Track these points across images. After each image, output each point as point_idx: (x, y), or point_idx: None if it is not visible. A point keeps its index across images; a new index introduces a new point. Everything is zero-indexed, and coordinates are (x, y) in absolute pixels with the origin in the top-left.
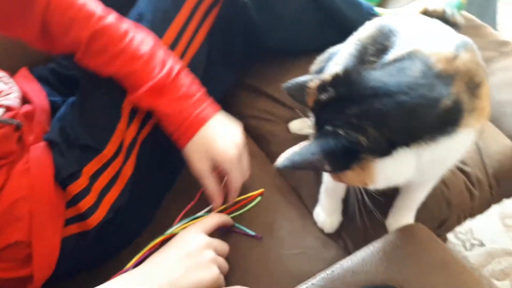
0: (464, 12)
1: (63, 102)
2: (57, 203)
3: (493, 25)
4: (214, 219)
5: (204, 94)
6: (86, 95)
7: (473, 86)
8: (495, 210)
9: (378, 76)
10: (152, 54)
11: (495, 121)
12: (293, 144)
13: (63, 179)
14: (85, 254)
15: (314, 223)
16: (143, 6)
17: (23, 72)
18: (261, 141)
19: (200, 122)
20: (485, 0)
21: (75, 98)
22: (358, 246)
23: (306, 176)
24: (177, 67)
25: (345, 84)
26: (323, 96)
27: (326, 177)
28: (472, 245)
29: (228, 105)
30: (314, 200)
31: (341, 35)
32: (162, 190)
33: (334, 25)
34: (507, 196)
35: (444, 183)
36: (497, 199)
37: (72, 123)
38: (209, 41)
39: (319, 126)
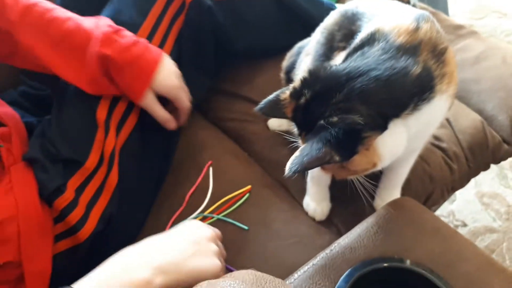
0: (419, 3)
1: (39, 122)
2: (45, 220)
3: (446, 13)
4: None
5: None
6: (61, 110)
7: (438, 53)
8: (472, 190)
9: (346, 64)
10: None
11: (462, 98)
12: (275, 141)
13: (49, 195)
14: (79, 268)
15: (305, 213)
16: (106, 14)
17: None
18: (243, 142)
19: (152, 65)
20: None
21: (51, 114)
22: (350, 229)
23: None
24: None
25: (319, 81)
26: (302, 100)
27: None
28: (456, 226)
29: (206, 111)
30: (302, 192)
31: (307, 31)
32: (150, 195)
33: (299, 22)
34: (484, 168)
35: (424, 160)
36: (474, 172)
37: (51, 138)
38: (179, 46)
39: (307, 128)
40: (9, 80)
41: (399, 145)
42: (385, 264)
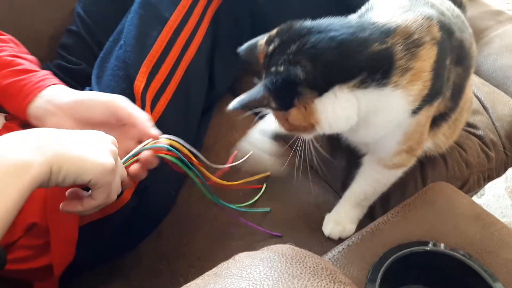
0: None
1: None
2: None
3: None
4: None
5: (47, 72)
6: (99, 82)
7: (412, 43)
8: (502, 185)
9: (317, 21)
10: None
11: (501, 85)
12: None
13: None
14: (107, 241)
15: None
16: None
17: None
18: None
19: (40, 87)
20: None
21: (91, 86)
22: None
23: None
24: (11, 53)
25: (288, 32)
26: (271, 47)
27: None
28: None
29: (238, 91)
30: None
31: (348, 15)
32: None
33: (341, 5)
34: None
35: (460, 146)
36: None
37: None
38: (217, 26)
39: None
40: (46, 54)
41: (342, 116)
42: (424, 248)
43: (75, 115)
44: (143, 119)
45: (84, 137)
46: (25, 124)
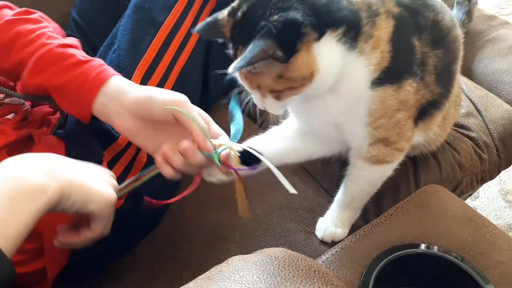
0: None
1: None
2: None
3: None
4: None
5: (99, 61)
6: None
7: (373, 13)
8: (496, 188)
9: None
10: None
11: (493, 89)
12: None
13: None
14: (101, 245)
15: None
16: None
17: None
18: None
19: (100, 82)
20: None
21: None
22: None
23: None
24: (56, 42)
25: None
26: (239, 14)
27: None
28: None
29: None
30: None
31: None
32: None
33: None
34: None
35: (453, 148)
36: (505, 163)
37: None
38: None
39: (245, 40)
40: None
41: (333, 66)
42: (416, 250)
43: (137, 114)
44: (197, 132)
45: (88, 169)
46: (19, 127)
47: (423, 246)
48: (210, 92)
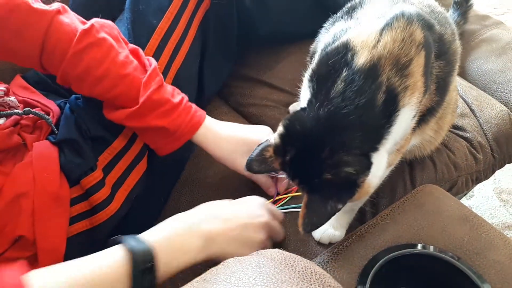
0: None
1: (65, 103)
2: (63, 198)
3: None
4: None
5: (187, 101)
6: None
7: (402, 67)
8: (490, 187)
9: (318, 111)
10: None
11: (487, 89)
12: None
13: (80, 174)
14: (95, 251)
15: None
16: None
17: (19, 81)
18: None
19: (195, 126)
20: None
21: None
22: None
23: None
24: (157, 80)
25: (297, 139)
26: (287, 157)
27: None
28: None
29: (228, 96)
30: None
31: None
32: (171, 180)
33: (325, 10)
34: (510, 160)
35: (448, 148)
36: (500, 163)
37: (80, 116)
38: (205, 32)
39: (299, 179)
40: None
41: (382, 167)
42: (413, 250)
43: (229, 144)
44: (266, 182)
45: (239, 232)
46: (11, 132)
47: (419, 246)
48: (205, 94)
